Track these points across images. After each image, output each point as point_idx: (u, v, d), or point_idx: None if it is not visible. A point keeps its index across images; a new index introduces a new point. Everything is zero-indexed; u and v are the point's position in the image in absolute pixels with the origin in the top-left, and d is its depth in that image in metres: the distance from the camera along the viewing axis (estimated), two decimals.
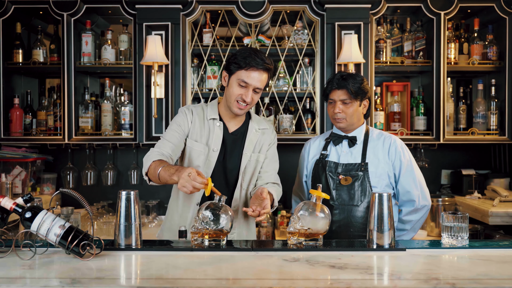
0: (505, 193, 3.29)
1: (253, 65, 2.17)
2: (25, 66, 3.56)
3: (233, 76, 2.22)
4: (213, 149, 2.30)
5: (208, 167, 2.30)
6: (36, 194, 3.62)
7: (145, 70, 3.41)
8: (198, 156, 2.30)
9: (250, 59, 2.17)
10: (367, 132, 2.43)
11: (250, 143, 2.36)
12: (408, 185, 2.35)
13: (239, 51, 2.24)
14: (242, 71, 2.19)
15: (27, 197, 1.77)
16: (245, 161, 2.34)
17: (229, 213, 1.91)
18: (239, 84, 2.20)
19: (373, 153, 2.37)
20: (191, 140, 2.31)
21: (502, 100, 3.49)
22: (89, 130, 3.52)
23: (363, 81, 2.36)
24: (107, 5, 3.48)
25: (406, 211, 2.38)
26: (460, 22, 3.67)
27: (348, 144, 2.40)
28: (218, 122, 2.32)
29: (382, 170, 2.34)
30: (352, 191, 2.31)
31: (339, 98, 2.34)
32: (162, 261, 1.70)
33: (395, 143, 2.39)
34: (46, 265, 1.64)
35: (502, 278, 1.53)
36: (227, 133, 2.34)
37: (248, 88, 2.20)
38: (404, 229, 2.41)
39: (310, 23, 3.51)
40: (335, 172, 2.36)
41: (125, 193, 1.84)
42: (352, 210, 2.30)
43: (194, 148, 2.30)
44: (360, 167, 2.33)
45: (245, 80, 2.18)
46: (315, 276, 1.54)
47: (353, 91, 2.31)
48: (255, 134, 2.38)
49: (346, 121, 2.36)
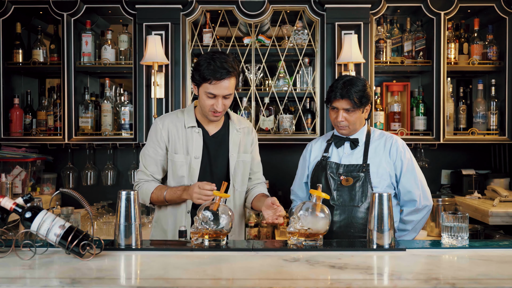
0: (505, 193, 3.29)
1: (217, 77, 2.14)
2: (25, 66, 3.56)
3: (201, 88, 2.21)
4: (194, 156, 2.30)
5: (192, 175, 2.30)
6: (36, 194, 3.62)
7: (145, 70, 3.41)
8: (181, 167, 2.30)
9: (212, 71, 2.13)
10: (368, 132, 2.43)
11: (234, 145, 2.36)
12: (409, 185, 2.35)
13: (201, 61, 2.19)
14: (207, 84, 2.17)
15: (27, 197, 1.77)
16: (233, 163, 2.34)
17: (229, 213, 1.92)
18: (208, 96, 2.20)
19: (375, 154, 2.37)
20: (171, 152, 2.32)
21: (502, 100, 3.49)
22: (89, 130, 3.52)
23: (366, 87, 2.32)
24: (107, 5, 3.48)
25: (407, 211, 2.38)
26: (460, 22, 3.67)
27: (350, 146, 2.40)
28: (196, 129, 2.32)
29: (384, 171, 2.34)
30: (353, 192, 2.31)
31: (342, 107, 2.32)
32: (162, 261, 1.70)
33: (397, 143, 2.39)
34: (46, 265, 1.64)
35: (502, 278, 1.53)
36: (207, 137, 2.34)
37: (217, 98, 2.19)
38: (405, 229, 2.41)
39: (310, 23, 3.51)
40: (336, 173, 2.35)
41: (125, 193, 1.84)
42: (353, 210, 2.30)
43: (175, 159, 2.31)
44: (362, 168, 2.33)
45: (212, 92, 2.17)
46: (315, 276, 1.54)
47: (356, 101, 2.28)
48: (236, 135, 2.38)
49: (349, 128, 2.36)
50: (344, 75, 2.73)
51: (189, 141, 2.31)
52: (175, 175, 2.32)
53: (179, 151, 2.30)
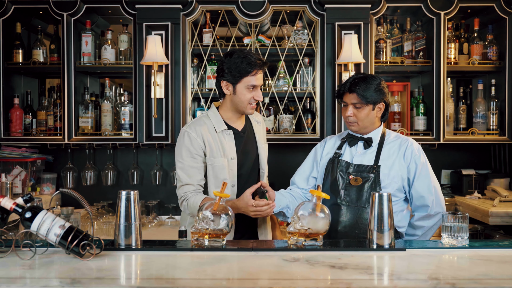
0: (505, 193, 3.29)
1: (258, 68, 2.27)
2: (25, 66, 3.56)
3: (239, 84, 2.29)
4: (231, 157, 2.35)
5: (232, 176, 2.36)
6: (36, 194, 3.62)
7: (145, 70, 3.41)
8: (222, 170, 2.33)
9: (253, 64, 2.26)
10: (383, 134, 2.38)
11: (259, 136, 2.50)
12: (422, 189, 2.30)
13: (233, 59, 2.28)
14: (249, 76, 2.27)
15: (27, 197, 1.77)
16: (262, 152, 2.47)
17: (229, 213, 1.91)
18: (249, 89, 2.29)
19: (388, 156, 2.32)
20: (211, 157, 2.34)
21: (502, 100, 3.49)
22: (89, 130, 3.52)
23: (378, 85, 2.29)
24: (107, 5, 3.49)
25: (419, 216, 2.33)
26: (460, 22, 3.67)
27: (364, 145, 2.36)
28: (228, 131, 2.37)
29: (396, 173, 2.29)
30: (361, 192, 2.27)
31: (350, 101, 2.31)
32: (162, 261, 1.70)
33: (412, 146, 2.34)
34: (46, 265, 1.64)
35: (502, 278, 1.53)
36: (238, 135, 2.40)
37: (257, 88, 2.31)
38: (415, 234, 2.35)
39: (310, 23, 3.51)
40: (346, 172, 2.32)
41: (125, 193, 1.84)
42: (359, 211, 2.26)
43: (215, 164, 2.34)
44: (372, 169, 2.28)
45: (253, 83, 2.28)
46: (315, 276, 1.54)
47: (363, 96, 2.27)
48: (257, 127, 2.51)
49: (358, 125, 2.33)
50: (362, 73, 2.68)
51: (223, 145, 2.35)
52: (216, 179, 2.33)
53: (217, 155, 2.33)
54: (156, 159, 3.78)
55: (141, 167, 3.82)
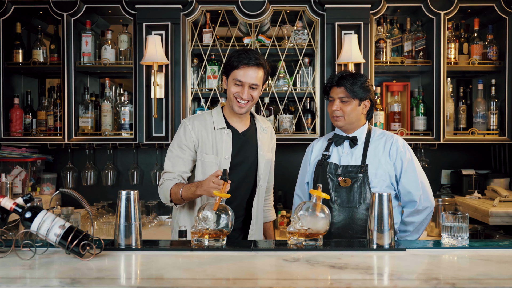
0: (505, 193, 3.29)
1: (245, 63, 2.25)
2: (25, 66, 3.56)
3: (229, 77, 2.31)
4: (224, 157, 2.33)
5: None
6: (36, 194, 3.62)
7: (145, 70, 3.41)
8: (211, 167, 2.32)
9: (242, 57, 2.25)
10: (369, 132, 2.42)
11: (262, 143, 2.43)
12: (409, 185, 2.33)
13: (233, 53, 2.33)
14: (236, 70, 2.27)
15: (27, 197, 1.77)
16: (261, 161, 2.40)
17: (229, 213, 1.92)
18: (235, 84, 2.28)
19: (374, 154, 2.35)
20: (202, 153, 2.33)
21: (502, 100, 3.49)
22: (89, 130, 3.52)
23: (365, 82, 2.36)
24: (107, 5, 3.48)
25: (408, 212, 2.36)
26: (460, 22, 3.67)
27: (350, 144, 2.39)
28: (226, 130, 2.36)
29: (383, 171, 2.32)
30: (351, 192, 2.29)
31: (337, 95, 2.35)
32: (162, 261, 1.70)
33: (397, 143, 2.37)
34: (46, 265, 1.64)
35: (502, 278, 1.53)
36: (237, 136, 2.38)
37: (244, 85, 2.27)
38: (406, 230, 2.38)
39: (310, 23, 3.51)
40: (335, 174, 2.35)
41: (125, 193, 1.84)
42: (351, 212, 2.29)
43: (205, 160, 2.33)
44: (360, 169, 2.31)
45: (239, 78, 2.26)
46: (315, 276, 1.55)
47: (351, 89, 2.31)
48: (263, 134, 2.46)
49: (344, 120, 2.36)
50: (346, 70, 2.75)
51: (218, 143, 2.33)
52: (205, 176, 2.31)
53: (209, 152, 2.33)
54: (156, 159, 3.79)
55: (141, 167, 3.82)
